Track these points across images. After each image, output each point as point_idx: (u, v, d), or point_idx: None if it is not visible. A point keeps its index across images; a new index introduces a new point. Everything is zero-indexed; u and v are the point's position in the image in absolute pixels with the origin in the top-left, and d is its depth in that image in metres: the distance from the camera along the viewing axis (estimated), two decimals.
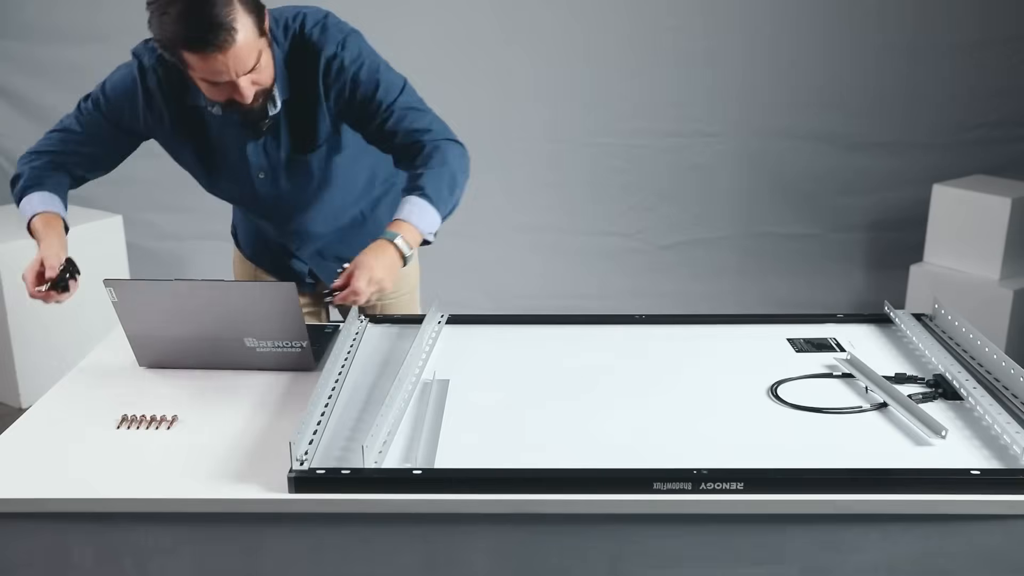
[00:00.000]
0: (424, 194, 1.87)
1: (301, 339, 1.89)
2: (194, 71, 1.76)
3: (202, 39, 1.68)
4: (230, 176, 2.04)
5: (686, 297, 4.35)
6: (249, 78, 1.77)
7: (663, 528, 1.52)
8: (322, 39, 1.90)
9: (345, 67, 1.91)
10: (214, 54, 1.70)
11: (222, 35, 1.68)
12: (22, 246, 3.49)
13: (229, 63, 1.72)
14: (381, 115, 1.93)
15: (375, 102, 1.93)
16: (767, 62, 4.27)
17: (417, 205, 1.87)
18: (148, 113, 1.98)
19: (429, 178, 1.89)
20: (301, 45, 1.90)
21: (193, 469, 1.58)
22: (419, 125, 1.95)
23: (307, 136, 1.97)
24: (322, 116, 1.95)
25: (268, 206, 2.10)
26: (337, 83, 1.92)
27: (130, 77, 1.99)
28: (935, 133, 4.32)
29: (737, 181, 4.44)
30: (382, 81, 1.93)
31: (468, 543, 1.54)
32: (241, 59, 1.73)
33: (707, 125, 4.33)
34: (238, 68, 1.74)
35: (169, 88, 1.94)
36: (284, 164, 2.00)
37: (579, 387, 1.86)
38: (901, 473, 1.53)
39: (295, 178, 2.04)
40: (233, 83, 1.76)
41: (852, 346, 2.01)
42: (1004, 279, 3.75)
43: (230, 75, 1.74)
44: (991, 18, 4.20)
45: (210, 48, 1.69)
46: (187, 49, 1.71)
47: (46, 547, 1.54)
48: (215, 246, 4.47)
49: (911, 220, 4.22)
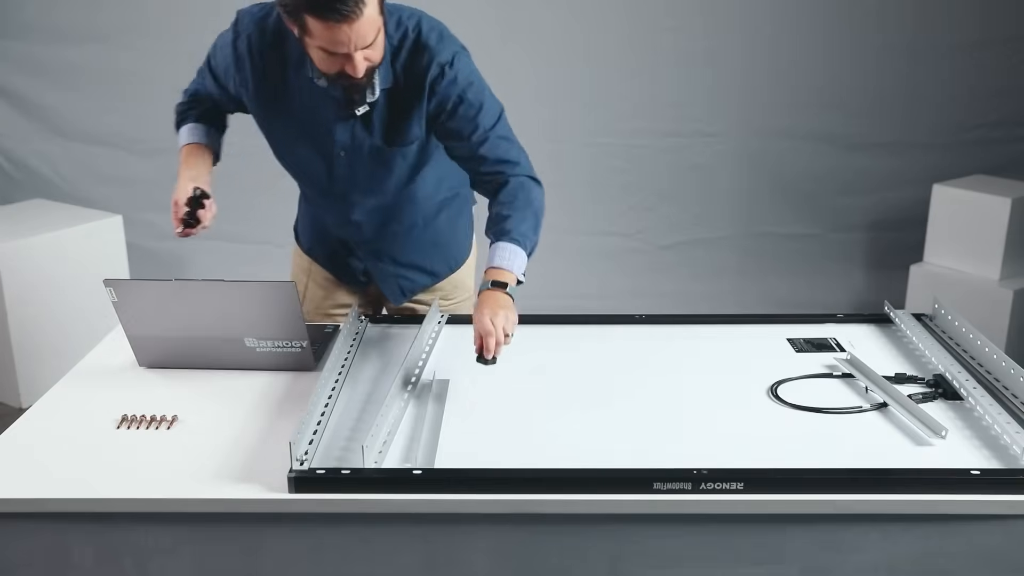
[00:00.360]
0: (514, 239, 1.91)
1: (301, 339, 1.89)
2: (312, 38, 1.76)
3: (332, 7, 1.68)
4: (310, 148, 2.05)
5: (686, 297, 4.35)
6: (364, 53, 1.77)
7: (663, 528, 1.52)
8: (439, 46, 1.92)
9: (456, 81, 1.92)
10: (340, 24, 1.70)
11: (352, 5, 1.68)
12: (22, 246, 3.50)
13: (352, 35, 1.72)
14: (476, 137, 1.96)
15: (474, 123, 1.95)
16: (767, 62, 4.27)
17: (509, 250, 1.90)
18: (237, 75, 2.01)
19: (517, 221, 1.92)
20: (414, 45, 1.92)
21: (193, 469, 1.58)
22: (508, 156, 1.98)
23: (398, 131, 1.98)
24: (417, 117, 1.96)
25: (338, 188, 2.10)
26: (443, 93, 1.93)
27: (227, 37, 2.02)
28: (935, 133, 4.32)
29: (737, 181, 4.43)
30: (485, 104, 1.96)
31: (468, 543, 1.54)
32: (363, 33, 1.73)
33: (707, 125, 4.33)
34: (358, 41, 1.74)
35: (260, 57, 1.95)
36: (368, 150, 2.01)
37: (579, 387, 1.86)
38: (901, 473, 1.53)
39: (373, 167, 2.04)
40: (348, 55, 1.76)
41: (852, 346, 2.01)
42: (1004, 279, 3.75)
43: (349, 48, 1.74)
44: (991, 18, 4.20)
45: (338, 17, 1.69)
46: (314, 15, 1.71)
47: (46, 547, 1.54)
48: (215, 246, 4.48)
49: (911, 220, 4.21)
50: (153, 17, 4.20)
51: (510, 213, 1.93)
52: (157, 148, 4.33)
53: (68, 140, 4.38)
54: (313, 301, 2.32)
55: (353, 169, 2.04)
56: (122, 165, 4.38)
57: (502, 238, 1.91)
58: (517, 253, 1.90)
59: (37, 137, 4.39)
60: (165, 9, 4.18)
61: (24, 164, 4.41)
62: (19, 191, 4.36)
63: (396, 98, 1.94)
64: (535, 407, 1.78)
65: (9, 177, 4.43)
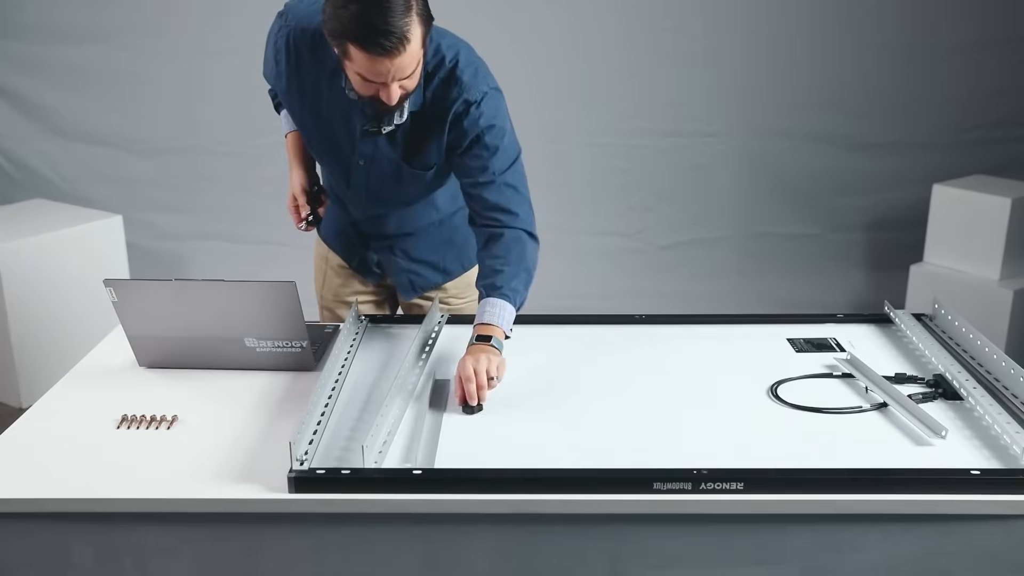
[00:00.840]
0: (504, 294, 1.93)
1: (301, 339, 1.89)
2: (352, 63, 1.77)
3: (376, 42, 1.70)
4: (332, 151, 2.07)
5: (686, 297, 4.35)
6: (401, 83, 1.80)
7: (663, 528, 1.52)
8: (471, 82, 1.93)
9: (479, 121, 1.94)
10: (382, 58, 1.72)
11: (396, 43, 1.70)
12: (22, 246, 3.50)
13: (392, 68, 1.74)
14: (483, 179, 1.98)
15: (484, 165, 1.97)
16: (767, 62, 4.27)
17: (499, 306, 1.92)
18: (275, 66, 2.01)
19: (509, 276, 1.94)
20: (448, 76, 1.93)
21: (193, 469, 1.58)
22: (509, 206, 1.99)
23: (418, 152, 2.01)
24: (437, 145, 1.99)
25: (356, 191, 2.13)
26: (463, 128, 1.95)
27: (275, 24, 2.02)
28: (935, 133, 4.32)
29: (737, 181, 4.43)
30: (501, 149, 1.97)
31: (468, 543, 1.54)
32: (403, 67, 1.75)
33: (707, 125, 4.33)
34: (397, 73, 1.76)
35: (298, 55, 1.96)
36: (388, 164, 2.04)
37: (579, 387, 1.86)
38: (901, 473, 1.53)
39: (391, 181, 2.08)
40: (385, 84, 1.78)
41: (852, 346, 2.01)
42: (1004, 279, 3.75)
43: (387, 78, 1.77)
44: (991, 18, 4.20)
45: (381, 51, 1.71)
46: (357, 46, 1.73)
47: (46, 547, 1.54)
48: (215, 246, 4.48)
49: (911, 220, 4.21)
50: (153, 17, 4.20)
51: (503, 268, 1.94)
52: (157, 148, 4.34)
53: (68, 140, 4.38)
54: (331, 288, 2.35)
55: (371, 179, 2.07)
56: (122, 165, 4.38)
57: (492, 293, 1.93)
58: (506, 308, 1.91)
59: (37, 137, 4.39)
60: (165, 9, 4.18)
61: (24, 164, 4.41)
62: (19, 191, 4.36)
63: (421, 122, 1.96)
64: (535, 407, 1.78)
65: (9, 177, 4.43)
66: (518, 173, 2.02)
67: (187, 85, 4.25)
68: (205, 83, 4.25)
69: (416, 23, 1.72)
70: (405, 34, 1.69)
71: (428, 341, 2.03)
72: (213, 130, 4.28)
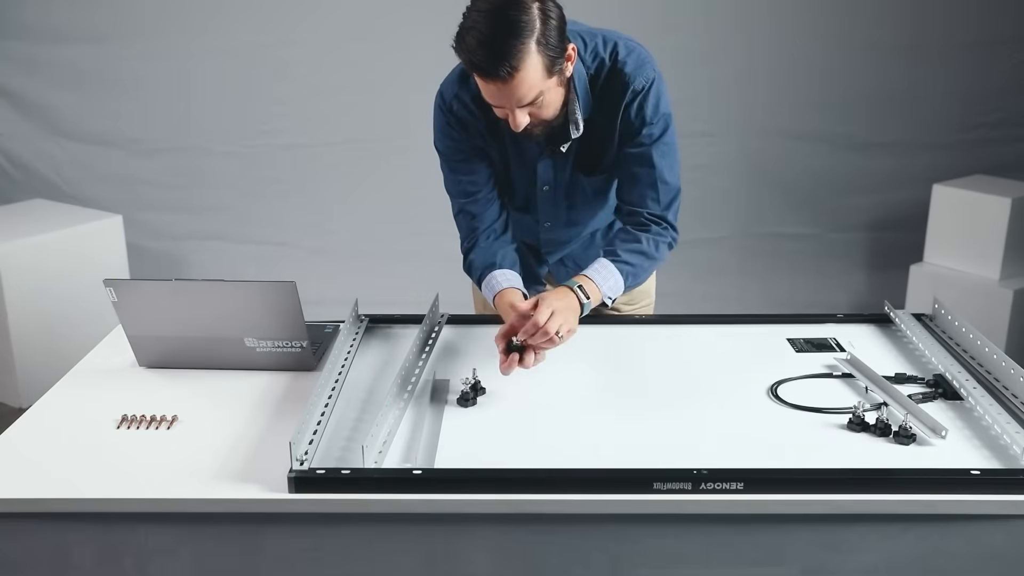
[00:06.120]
0: (619, 262, 1.97)
1: (301, 339, 1.89)
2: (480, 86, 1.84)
3: (483, 68, 1.76)
4: (521, 183, 2.13)
5: (686, 297, 4.34)
6: (525, 110, 1.83)
7: (663, 528, 1.52)
8: (636, 72, 1.97)
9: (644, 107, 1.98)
10: (493, 82, 1.77)
11: (502, 70, 1.74)
12: (22, 246, 3.50)
13: (504, 95, 1.79)
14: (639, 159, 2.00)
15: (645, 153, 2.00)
16: (767, 62, 4.27)
17: (607, 269, 1.96)
18: (464, 133, 2.05)
19: (632, 253, 1.98)
20: (611, 73, 1.97)
21: (193, 469, 1.58)
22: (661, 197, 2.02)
23: (594, 158, 2.05)
24: (610, 145, 2.03)
25: (545, 217, 2.18)
26: (631, 112, 1.98)
27: (440, 120, 2.07)
28: (935, 133, 4.32)
29: (737, 181, 4.44)
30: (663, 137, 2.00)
31: (468, 543, 1.54)
32: (518, 95, 1.79)
33: (707, 125, 4.32)
34: (513, 100, 1.80)
35: (474, 106, 2.00)
36: (567, 182, 2.10)
37: (579, 387, 1.86)
38: (901, 473, 1.53)
39: (573, 196, 2.13)
40: (510, 110, 1.83)
41: (852, 346, 2.01)
42: (1004, 279, 3.75)
43: (505, 104, 1.82)
44: (991, 18, 4.21)
45: (487, 78, 1.77)
46: (472, 71, 1.80)
47: (46, 547, 1.54)
48: (215, 246, 4.48)
49: (911, 220, 4.22)
50: (152, 18, 4.20)
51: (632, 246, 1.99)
52: (157, 148, 4.34)
53: (68, 140, 4.38)
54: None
55: (556, 200, 2.13)
56: (122, 165, 4.38)
57: (609, 256, 1.97)
58: (614, 275, 1.95)
59: (37, 137, 4.39)
60: (164, 10, 4.19)
61: (24, 164, 4.42)
62: (19, 191, 4.37)
63: (593, 127, 2.00)
64: (535, 407, 1.78)
65: (9, 177, 4.43)
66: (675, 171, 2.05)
67: (187, 85, 4.25)
68: (205, 83, 4.25)
69: (533, 52, 1.75)
70: (514, 63, 1.74)
71: (428, 341, 2.03)
72: (213, 130, 4.27)
